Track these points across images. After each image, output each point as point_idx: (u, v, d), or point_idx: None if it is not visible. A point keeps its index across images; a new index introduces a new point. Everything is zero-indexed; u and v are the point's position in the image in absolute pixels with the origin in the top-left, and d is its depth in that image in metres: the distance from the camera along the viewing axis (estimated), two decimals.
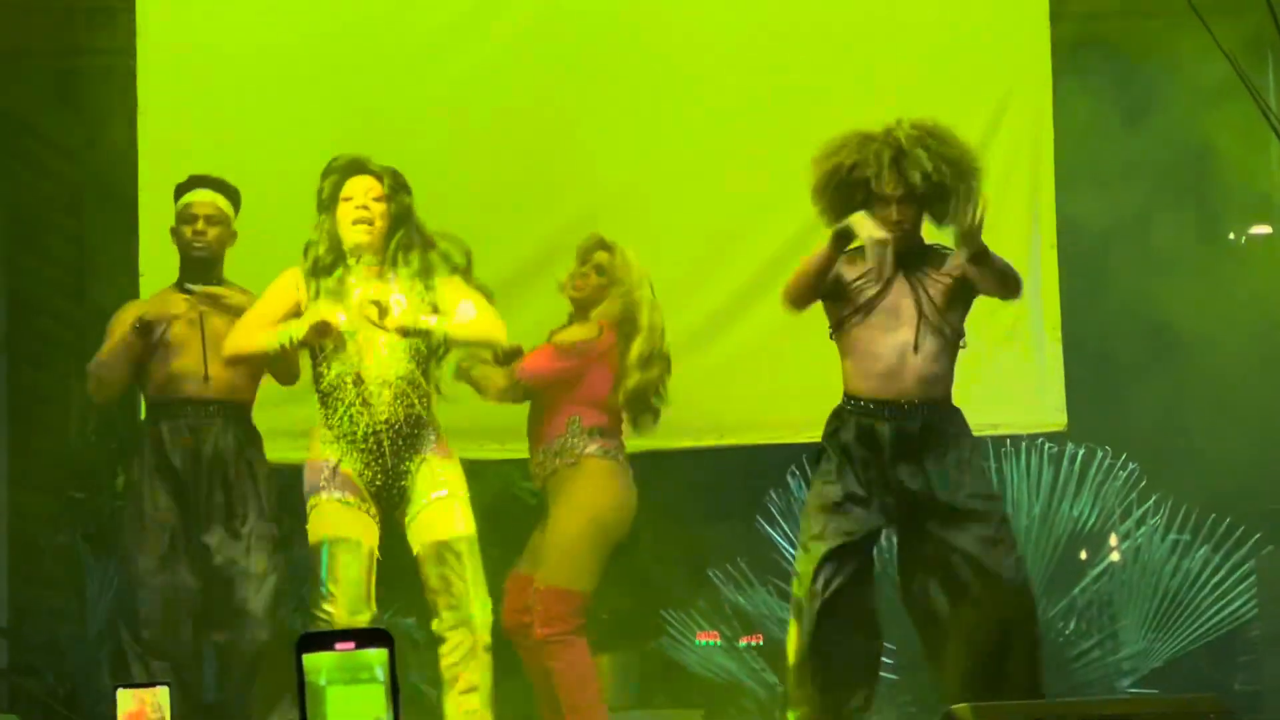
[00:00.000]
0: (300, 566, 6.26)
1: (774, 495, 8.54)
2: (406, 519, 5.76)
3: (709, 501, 8.64)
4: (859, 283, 5.72)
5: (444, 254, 5.92)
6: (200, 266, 6.39)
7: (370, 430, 5.69)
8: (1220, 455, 7.96)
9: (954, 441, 5.71)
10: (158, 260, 7.38)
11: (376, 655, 2.45)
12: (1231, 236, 9.01)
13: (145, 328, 6.29)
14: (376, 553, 5.75)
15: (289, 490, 6.32)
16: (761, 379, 7.52)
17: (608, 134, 7.63)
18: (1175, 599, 8.28)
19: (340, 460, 5.73)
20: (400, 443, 5.71)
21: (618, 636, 7.96)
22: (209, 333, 6.23)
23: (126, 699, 3.46)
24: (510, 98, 7.61)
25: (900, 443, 5.68)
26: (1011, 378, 7.41)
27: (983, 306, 5.96)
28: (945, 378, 5.74)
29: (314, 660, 2.47)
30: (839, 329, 5.80)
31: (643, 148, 7.63)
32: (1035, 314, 7.39)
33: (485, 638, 5.75)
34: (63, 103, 8.43)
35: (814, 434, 7.03)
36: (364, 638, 2.45)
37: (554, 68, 7.64)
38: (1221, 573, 8.28)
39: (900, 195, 5.67)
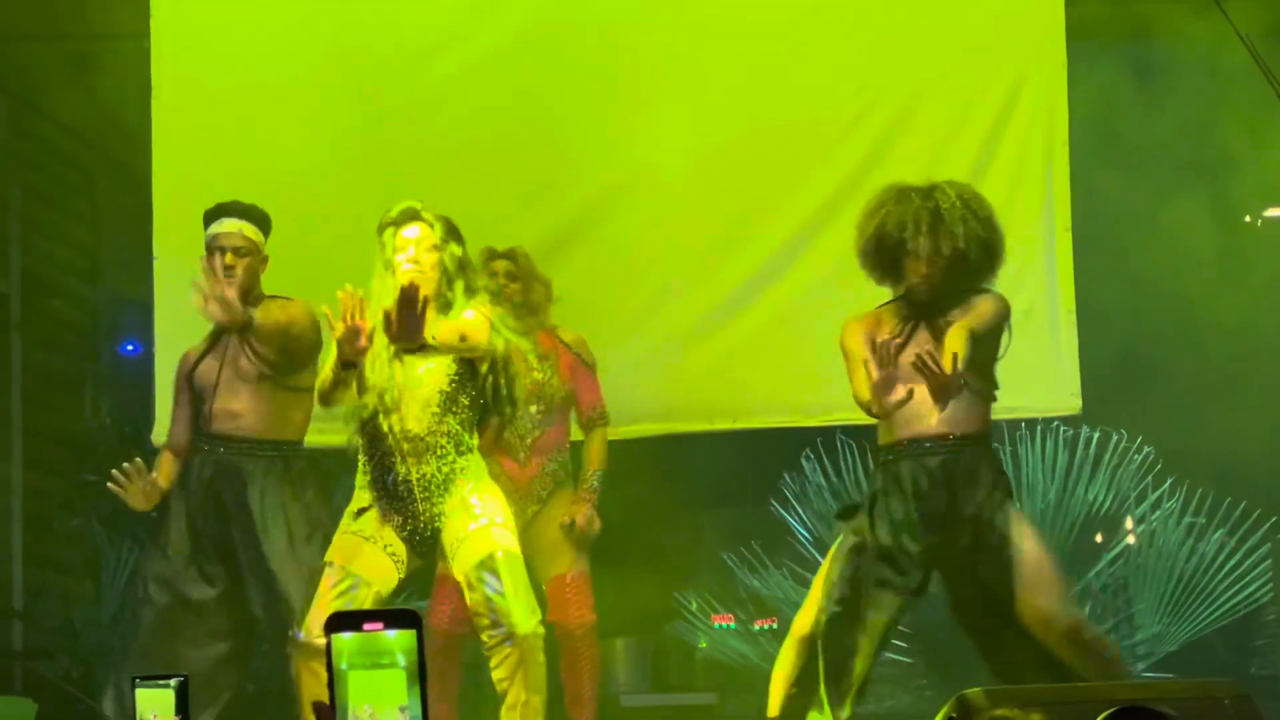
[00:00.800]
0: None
1: (788, 479, 8.60)
2: (450, 559, 5.66)
3: (723, 485, 8.65)
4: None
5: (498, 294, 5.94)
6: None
7: (403, 480, 5.65)
8: (1236, 439, 7.91)
9: (980, 483, 5.75)
10: (171, 244, 7.45)
11: (401, 639, 2.42)
12: (1248, 219, 8.98)
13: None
14: (384, 595, 5.63)
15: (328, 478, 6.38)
16: (774, 364, 7.51)
17: (619, 121, 7.63)
18: (1190, 583, 8.30)
19: (371, 505, 5.68)
20: (433, 490, 5.64)
21: (632, 620, 7.93)
22: (228, 367, 6.17)
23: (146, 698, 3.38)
24: (512, 98, 7.62)
25: (925, 481, 5.73)
26: (1027, 361, 7.23)
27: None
28: (972, 418, 5.78)
29: (339, 643, 2.43)
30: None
31: (658, 133, 7.60)
32: (1051, 297, 7.38)
33: (531, 651, 5.56)
34: (76, 85, 8.38)
35: (827, 418, 7.47)
36: (392, 618, 2.41)
37: (561, 71, 7.62)
38: (1237, 557, 8.30)
39: (931, 254, 5.76)
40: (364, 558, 5.61)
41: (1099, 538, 8.55)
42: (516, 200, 7.42)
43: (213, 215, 6.20)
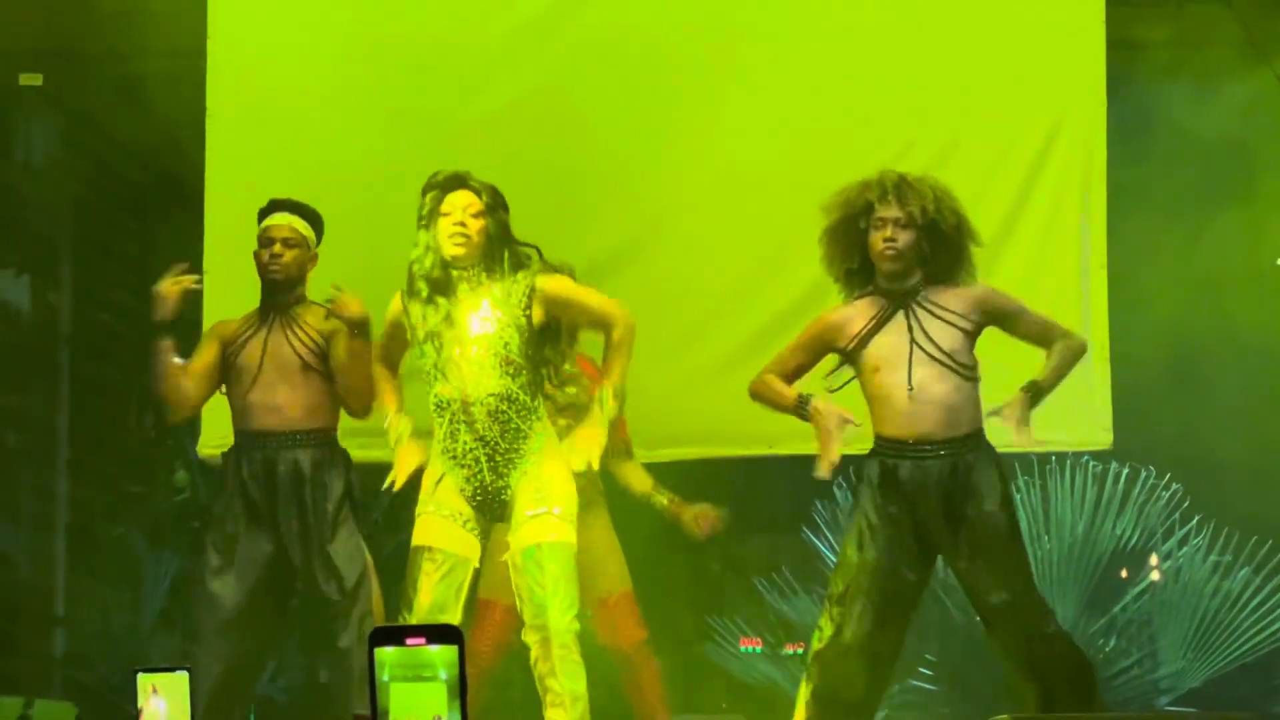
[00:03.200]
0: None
1: (819, 506, 8.65)
2: (508, 534, 5.77)
3: (755, 511, 8.56)
4: (857, 340, 5.82)
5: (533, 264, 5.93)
6: (277, 289, 6.30)
7: (469, 448, 5.74)
8: (1263, 478, 7.96)
9: (981, 480, 5.72)
10: (221, 260, 7.51)
11: (443, 653, 2.49)
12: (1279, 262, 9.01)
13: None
14: (476, 564, 5.76)
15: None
16: (810, 391, 7.37)
17: (660, 143, 7.71)
18: (1215, 619, 8.33)
19: (444, 474, 5.79)
20: (499, 459, 5.74)
21: (663, 642, 7.79)
22: (269, 359, 6.20)
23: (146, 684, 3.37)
24: (561, 123, 7.69)
25: (923, 483, 5.70)
26: (1059, 396, 7.03)
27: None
28: (963, 411, 5.75)
29: (381, 655, 2.51)
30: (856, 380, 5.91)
31: (695, 160, 7.69)
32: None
33: (563, 647, 5.63)
34: (131, 103, 8.40)
35: (861, 447, 6.98)
36: (434, 634, 2.49)
37: (604, 89, 7.72)
38: (1262, 594, 8.31)
39: (897, 218, 5.75)
40: (451, 536, 5.72)
41: (1125, 572, 8.57)
42: (558, 226, 7.34)
43: (266, 211, 6.32)
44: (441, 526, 5.73)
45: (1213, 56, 7.92)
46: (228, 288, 7.34)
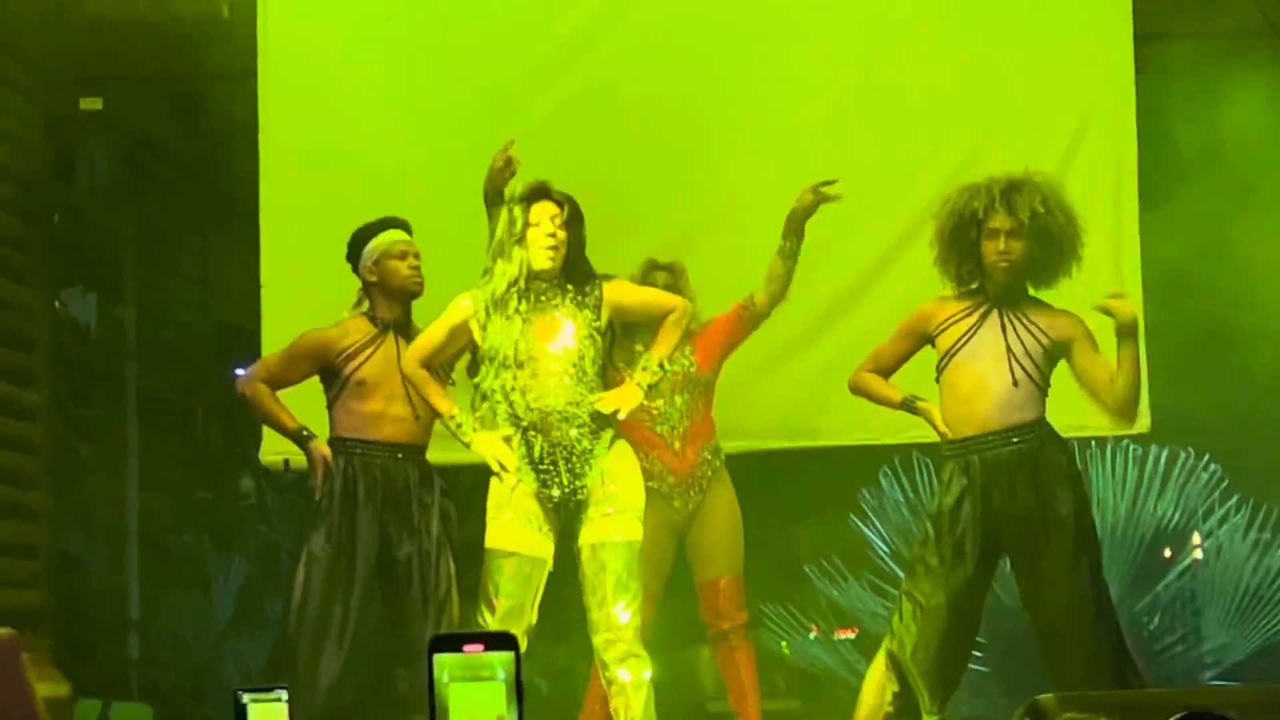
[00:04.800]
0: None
1: (866, 494, 8.72)
2: (579, 530, 5.88)
3: (805, 500, 8.80)
4: (946, 325, 5.98)
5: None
6: (407, 301, 6.31)
7: (546, 453, 5.80)
8: None
9: (1049, 464, 5.90)
10: (277, 272, 7.65)
11: (501, 658, 2.55)
12: None
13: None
14: (550, 565, 5.86)
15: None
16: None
17: (701, 172, 7.80)
18: (1256, 595, 8.38)
19: (519, 480, 5.85)
20: (575, 461, 5.81)
21: None
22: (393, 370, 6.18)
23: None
24: (608, 120, 7.78)
25: (993, 473, 5.87)
26: None
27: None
28: (1031, 405, 5.93)
29: (441, 660, 2.56)
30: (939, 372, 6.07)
31: (744, 159, 7.76)
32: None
33: (625, 642, 5.76)
34: (187, 124, 8.60)
35: (906, 436, 7.44)
36: (492, 640, 2.56)
37: (653, 114, 7.76)
38: None
39: (1009, 229, 5.87)
40: (527, 539, 5.81)
41: (1167, 552, 8.65)
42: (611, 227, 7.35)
43: (366, 235, 6.28)
44: (517, 529, 5.82)
45: (1240, 46, 7.97)
46: (285, 298, 7.55)
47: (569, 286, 5.81)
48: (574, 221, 5.82)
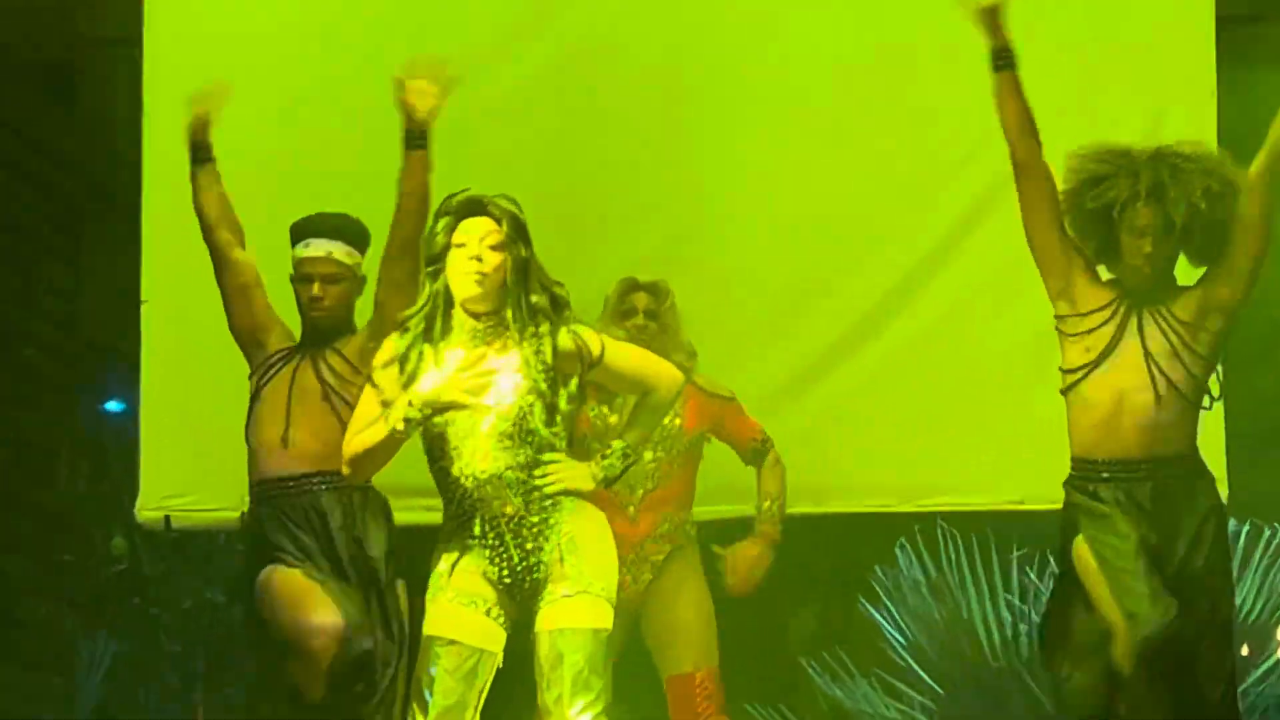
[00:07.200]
0: None
1: (879, 572, 8.38)
2: (537, 615, 5.36)
3: (803, 579, 8.26)
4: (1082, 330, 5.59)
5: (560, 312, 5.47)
6: (322, 333, 6.00)
7: (487, 527, 5.31)
8: None
9: (1190, 509, 5.54)
10: (162, 286, 7.35)
11: None
12: None
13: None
14: (498, 659, 5.34)
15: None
16: (865, 436, 7.27)
17: (686, 169, 7.52)
18: None
19: (459, 555, 5.33)
20: (525, 534, 5.30)
21: None
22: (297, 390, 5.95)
23: None
24: (581, 127, 7.51)
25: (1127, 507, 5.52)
26: None
27: None
28: (1177, 429, 5.57)
29: None
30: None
31: (724, 185, 7.50)
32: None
33: None
34: (55, 100, 8.37)
35: (927, 503, 7.32)
36: None
37: (630, 99, 7.53)
38: None
39: (1160, 227, 5.51)
40: (471, 626, 5.30)
41: (1246, 649, 8.15)
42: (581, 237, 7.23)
43: (298, 234, 6.02)
44: (460, 615, 5.27)
45: None
46: (171, 317, 7.31)
47: (510, 325, 5.26)
48: (514, 242, 5.24)
